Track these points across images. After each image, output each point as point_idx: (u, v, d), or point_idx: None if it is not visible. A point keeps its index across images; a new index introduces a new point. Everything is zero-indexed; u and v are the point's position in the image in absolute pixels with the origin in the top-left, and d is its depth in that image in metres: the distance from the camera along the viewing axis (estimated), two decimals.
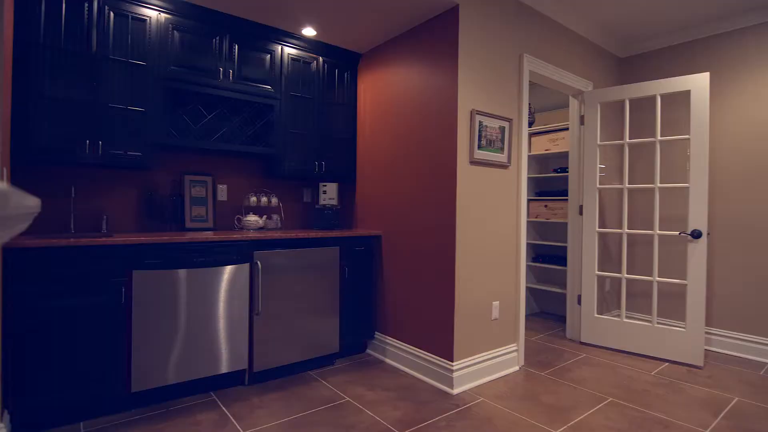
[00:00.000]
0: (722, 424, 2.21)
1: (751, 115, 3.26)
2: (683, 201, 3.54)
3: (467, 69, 2.62)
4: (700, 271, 2.98)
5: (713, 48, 3.46)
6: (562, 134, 4.29)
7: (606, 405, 2.40)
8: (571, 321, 3.63)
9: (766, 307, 3.17)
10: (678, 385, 2.69)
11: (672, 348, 3.09)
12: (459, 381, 2.56)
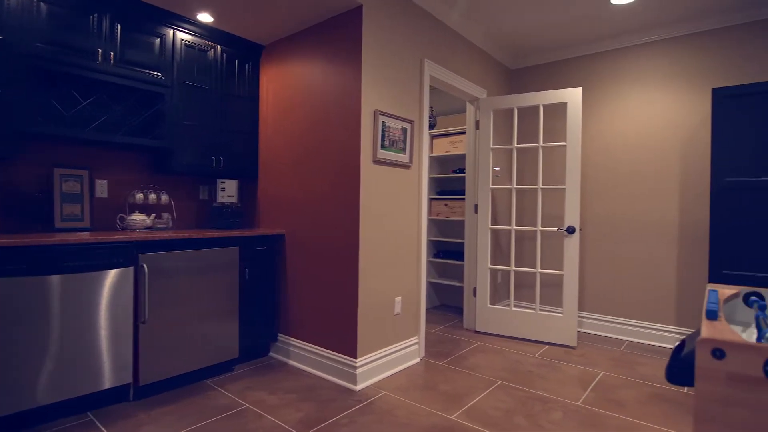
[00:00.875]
0: (590, 395, 2.52)
1: (616, 126, 3.77)
2: (562, 201, 3.98)
3: (371, 69, 2.66)
4: (574, 262, 3.37)
5: (587, 66, 3.93)
6: (461, 137, 4.56)
7: (496, 388, 2.61)
8: (467, 312, 3.88)
9: (624, 292, 3.69)
10: (556, 365, 3.01)
11: (552, 332, 3.46)
12: (362, 377, 2.60)
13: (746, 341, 0.75)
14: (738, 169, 2.88)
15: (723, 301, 1.22)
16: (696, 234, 3.38)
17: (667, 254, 3.49)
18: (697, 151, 3.39)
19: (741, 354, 0.76)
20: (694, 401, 0.80)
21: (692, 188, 3.41)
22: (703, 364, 0.79)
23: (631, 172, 3.67)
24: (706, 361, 0.78)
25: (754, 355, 0.75)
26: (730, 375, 0.77)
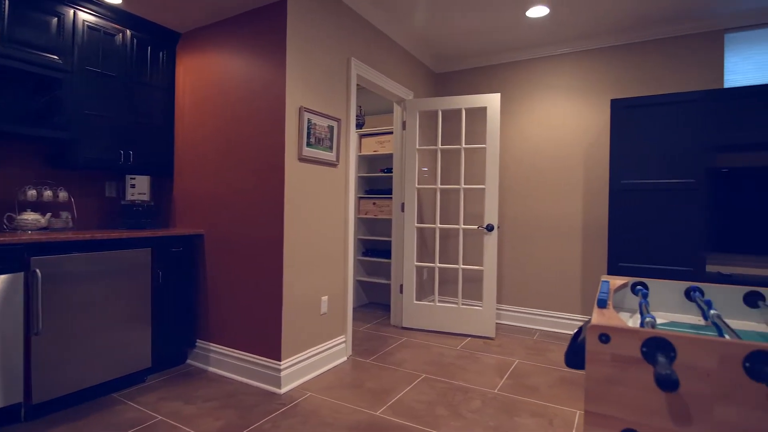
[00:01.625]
0: (507, 382, 2.69)
1: (530, 131, 4.04)
2: (482, 200, 4.19)
3: (296, 65, 2.61)
4: (493, 258, 3.57)
5: (505, 73, 4.17)
6: (389, 137, 4.63)
7: (420, 381, 2.68)
8: (394, 309, 3.95)
9: (536, 284, 3.98)
10: (476, 356, 3.17)
11: (473, 325, 3.63)
12: (287, 379, 2.54)
13: (628, 326, 0.84)
14: (632, 173, 3.22)
15: (614, 291, 1.36)
16: (597, 231, 3.73)
17: (573, 249, 3.82)
18: (598, 155, 3.75)
19: (623, 338, 0.85)
20: (585, 382, 0.88)
21: (594, 189, 3.76)
22: (591, 348, 0.86)
23: (543, 174, 3.97)
24: (594, 345, 0.86)
25: (634, 338, 0.83)
26: (615, 357, 0.85)
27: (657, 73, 3.56)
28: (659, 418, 0.82)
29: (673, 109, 3.12)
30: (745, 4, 3.13)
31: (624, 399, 0.85)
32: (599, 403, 0.86)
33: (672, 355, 0.80)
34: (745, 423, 0.76)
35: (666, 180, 3.11)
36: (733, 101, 2.96)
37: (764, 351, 0.73)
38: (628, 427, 0.84)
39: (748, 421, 0.76)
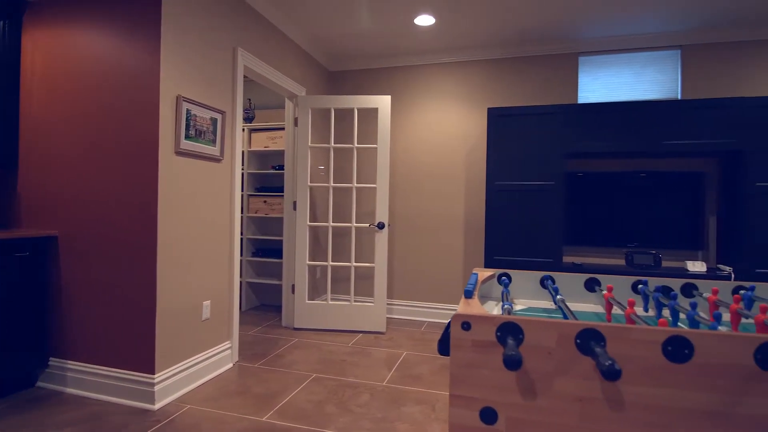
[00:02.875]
0: (395, 374, 2.79)
1: (419, 133, 4.24)
2: (374, 198, 4.29)
3: (173, 50, 2.39)
4: (384, 255, 3.68)
5: (396, 76, 4.31)
6: (281, 133, 4.50)
7: (310, 381, 2.65)
8: (286, 310, 3.86)
9: (424, 278, 4.20)
10: (367, 351, 3.24)
11: (365, 321, 3.70)
12: (162, 394, 2.33)
13: (486, 314, 0.92)
14: (505, 175, 3.56)
15: (481, 282, 1.49)
16: (476, 227, 4.06)
17: (456, 245, 4.11)
18: (477, 158, 4.08)
19: (482, 325, 0.92)
20: (450, 368, 0.94)
21: (474, 189, 4.08)
22: (455, 335, 0.93)
23: (430, 174, 4.20)
24: (457, 333, 0.93)
25: (490, 324, 0.91)
26: (475, 342, 0.92)
27: (527, 86, 3.98)
28: (512, 395, 0.90)
29: (538, 119, 3.52)
30: (594, 33, 3.66)
31: (483, 380, 0.93)
32: (462, 385, 0.93)
33: (521, 337, 0.89)
34: (578, 392, 0.87)
35: (532, 182, 3.50)
36: (584, 115, 3.44)
37: (589, 329, 0.84)
38: (486, 405, 0.92)
39: (581, 390, 0.87)
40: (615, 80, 3.86)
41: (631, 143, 3.34)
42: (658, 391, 0.83)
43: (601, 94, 3.88)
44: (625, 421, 0.85)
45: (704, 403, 0.81)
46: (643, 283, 1.45)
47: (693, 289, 1.45)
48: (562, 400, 0.89)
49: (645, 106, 3.34)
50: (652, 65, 3.79)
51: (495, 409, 0.91)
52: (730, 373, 0.80)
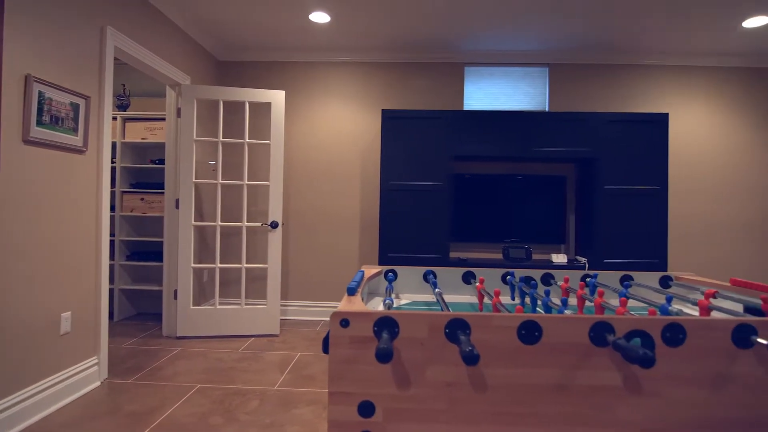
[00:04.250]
0: (287, 377, 2.72)
1: (315, 130, 4.18)
2: (267, 196, 4.14)
3: (22, 22, 2.04)
4: (277, 255, 3.57)
5: (291, 71, 4.20)
6: (161, 124, 4.11)
7: (194, 393, 2.47)
8: (168, 318, 3.54)
9: (321, 277, 4.17)
10: (259, 355, 3.11)
11: (257, 324, 3.56)
12: (6, 424, 1.97)
13: (364, 310, 0.94)
14: (398, 175, 3.68)
15: (367, 279, 1.52)
16: (371, 225, 4.15)
17: (352, 243, 4.15)
18: (372, 157, 4.16)
19: (359, 321, 0.93)
20: (329, 365, 0.93)
21: (369, 188, 4.16)
22: (334, 332, 0.93)
23: (327, 171, 4.18)
24: (336, 331, 0.93)
25: (368, 320, 0.93)
26: (353, 338, 0.93)
27: (419, 91, 4.17)
28: (388, 387, 0.93)
29: (428, 123, 3.70)
30: (477, 46, 3.96)
31: (361, 375, 0.94)
32: (340, 382, 0.93)
33: (396, 331, 0.92)
34: (447, 378, 0.93)
35: (422, 182, 3.68)
36: (469, 121, 3.71)
37: (457, 319, 0.90)
38: (364, 399, 0.93)
39: (450, 376, 0.93)
40: (495, 90, 4.23)
41: (508, 148, 3.69)
42: (515, 371, 0.92)
43: (484, 103, 4.22)
44: (488, 400, 0.92)
45: (552, 378, 0.92)
46: (511, 274, 1.61)
47: (550, 278, 1.64)
48: (433, 387, 0.93)
49: (519, 115, 3.71)
50: (525, 79, 4.22)
51: (372, 402, 0.93)
52: (571, 350, 0.91)
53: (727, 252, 4.11)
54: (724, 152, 4.12)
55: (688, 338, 0.90)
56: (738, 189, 4.12)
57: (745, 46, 3.86)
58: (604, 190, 3.65)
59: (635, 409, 0.89)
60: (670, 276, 1.64)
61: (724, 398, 0.90)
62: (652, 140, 3.66)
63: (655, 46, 3.91)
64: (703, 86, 4.13)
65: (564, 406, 0.90)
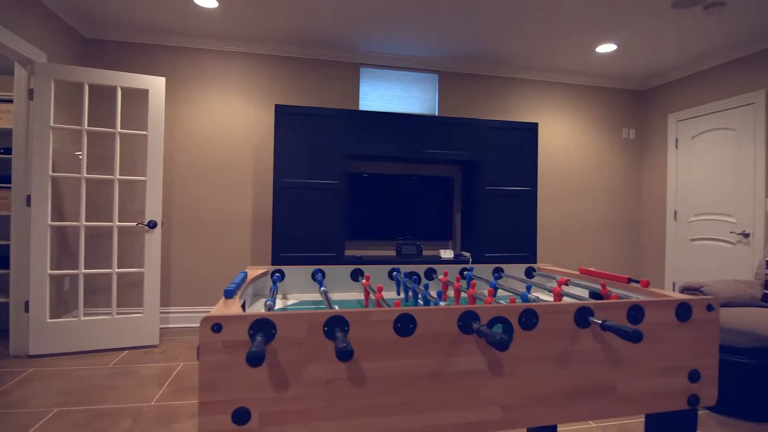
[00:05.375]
0: (167, 391, 2.50)
1: (202, 122, 3.90)
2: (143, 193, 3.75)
3: None
4: (156, 257, 3.26)
5: (174, 57, 3.86)
6: (8, 107, 3.49)
7: (51, 418, 2.14)
8: (17, 334, 3.02)
9: (209, 280, 3.91)
10: (133, 369, 2.81)
11: (131, 335, 3.21)
12: None
13: (238, 313, 0.89)
14: (292, 172, 3.60)
15: (253, 280, 1.46)
16: (264, 224, 4.00)
17: (244, 242, 3.96)
18: (266, 154, 4.02)
19: (234, 324, 0.89)
20: (199, 374, 0.88)
21: (262, 185, 4.00)
22: (204, 339, 0.87)
23: (216, 167, 3.92)
24: (207, 337, 0.87)
25: (242, 323, 0.89)
26: (226, 343, 0.89)
27: (314, 87, 4.12)
28: (264, 391, 0.90)
29: (323, 121, 3.68)
30: (372, 48, 4.04)
31: (235, 381, 0.90)
32: (213, 390, 0.88)
33: (273, 332, 0.89)
34: (326, 375, 0.93)
35: (317, 180, 3.65)
36: (364, 121, 3.76)
37: (336, 316, 0.91)
38: (239, 406, 0.89)
39: (329, 373, 0.93)
40: (389, 93, 4.36)
41: (400, 149, 3.82)
42: (391, 363, 0.95)
43: (378, 104, 4.32)
44: (367, 394, 0.94)
45: (425, 367, 0.97)
46: (397, 270, 1.67)
47: (433, 273, 1.74)
48: (312, 386, 0.93)
49: (412, 118, 3.87)
50: (417, 84, 4.42)
51: (248, 407, 0.90)
52: (442, 339, 0.97)
53: (585, 245, 4.76)
54: (583, 159, 4.76)
55: (540, 322, 1.02)
56: (594, 191, 4.79)
57: (599, 69, 4.51)
58: (485, 191, 3.98)
59: (497, 389, 0.98)
60: (533, 267, 1.85)
61: (568, 372, 1.04)
62: (525, 146, 4.09)
63: (530, 63, 4.37)
64: (566, 101, 4.72)
65: (436, 392, 0.96)
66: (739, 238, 3.85)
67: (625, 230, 4.91)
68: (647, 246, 4.85)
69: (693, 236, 4.31)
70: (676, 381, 1.11)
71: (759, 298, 3.10)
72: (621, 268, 4.88)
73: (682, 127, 4.46)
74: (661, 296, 1.24)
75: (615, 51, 4.02)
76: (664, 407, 1.10)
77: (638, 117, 4.95)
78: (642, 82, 4.86)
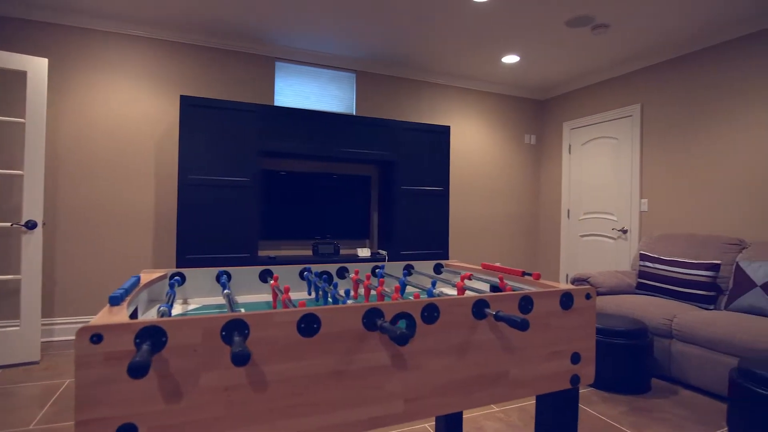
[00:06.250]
0: (50, 411, 2.22)
1: (96, 111, 3.51)
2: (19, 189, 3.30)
3: None
4: (36, 262, 2.88)
5: (59, 36, 3.43)
6: None
7: None
8: None
9: (101, 287, 3.54)
10: (10, 390, 2.46)
11: (7, 351, 2.80)
12: None
13: (122, 321, 0.82)
14: (201, 169, 3.39)
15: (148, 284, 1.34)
16: (168, 224, 3.72)
17: (145, 244, 3.64)
18: (170, 148, 3.73)
19: (117, 334, 0.81)
20: (75, 390, 0.79)
21: (166, 182, 3.72)
22: (81, 351, 0.79)
23: (113, 161, 3.56)
24: (84, 349, 0.79)
25: (127, 332, 0.82)
26: (108, 355, 0.81)
27: (226, 80, 3.91)
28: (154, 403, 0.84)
29: (236, 115, 3.51)
30: (288, 42, 3.94)
31: (119, 396, 0.82)
32: (92, 408, 0.80)
33: (164, 340, 0.83)
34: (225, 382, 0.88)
35: (228, 178, 3.48)
36: (280, 117, 3.66)
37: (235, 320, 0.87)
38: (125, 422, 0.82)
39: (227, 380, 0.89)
40: (306, 89, 4.28)
41: (317, 147, 3.78)
42: (295, 364, 0.93)
43: (295, 100, 4.23)
44: (269, 397, 0.92)
45: (330, 366, 0.96)
46: (308, 270, 1.64)
47: (345, 271, 1.75)
48: (210, 395, 0.88)
49: (329, 116, 3.84)
50: (335, 82, 4.40)
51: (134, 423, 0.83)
52: (346, 337, 0.97)
53: (492, 241, 5.09)
54: (490, 162, 5.08)
55: (441, 315, 1.06)
56: (500, 191, 5.14)
57: (505, 78, 4.83)
58: (401, 190, 4.08)
59: (400, 383, 1.01)
60: (441, 264, 1.93)
61: (467, 361, 1.10)
62: (439, 148, 4.26)
63: (443, 69, 4.56)
64: (476, 106, 5.00)
65: (340, 390, 0.96)
66: (619, 234, 4.38)
67: (527, 227, 5.33)
68: (545, 242, 5.32)
69: (583, 233, 4.81)
70: (560, 363, 1.22)
71: (635, 286, 3.54)
72: (524, 262, 5.30)
73: (575, 135, 4.95)
74: (548, 287, 1.36)
75: (518, 62, 4.34)
76: (551, 388, 1.21)
77: (538, 124, 5.40)
78: (542, 92, 5.31)
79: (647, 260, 3.46)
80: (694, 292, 3.10)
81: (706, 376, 2.59)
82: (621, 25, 3.46)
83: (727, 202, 3.47)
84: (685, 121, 3.79)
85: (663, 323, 2.85)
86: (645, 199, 4.14)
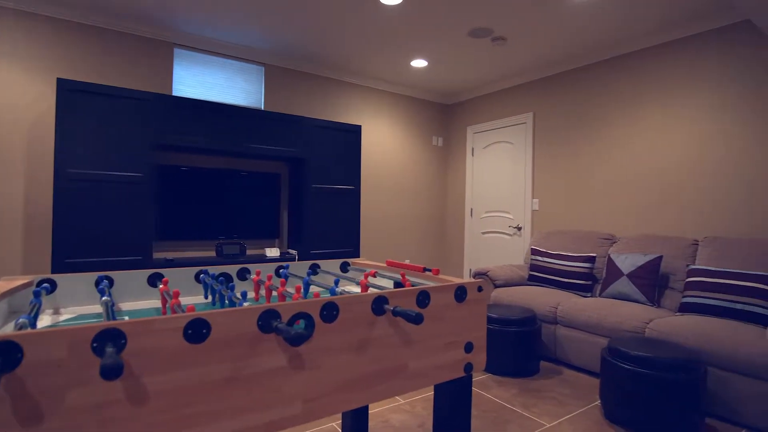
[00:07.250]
0: None
1: None
2: None
3: None
4: None
5: None
6: None
7: None
8: None
9: None
10: None
11: None
12: None
13: None
14: (83, 162, 3.03)
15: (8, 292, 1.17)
16: (43, 224, 3.27)
17: (12, 247, 3.16)
18: (45, 139, 3.28)
19: None
20: None
21: (41, 176, 3.26)
22: None
23: None
24: None
25: None
26: None
27: (115, 64, 3.53)
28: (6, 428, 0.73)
29: (126, 104, 3.19)
30: (190, 29, 3.67)
31: None
32: None
33: (19, 357, 0.73)
34: (97, 399, 0.80)
35: (117, 172, 3.15)
36: (179, 109, 3.40)
37: (108, 329, 0.79)
38: None
39: (100, 396, 0.80)
40: (210, 80, 4.03)
41: (222, 142, 3.58)
42: (182, 373, 0.87)
43: (196, 91, 3.96)
44: (152, 410, 0.85)
45: (223, 372, 0.92)
46: (204, 272, 1.55)
47: (246, 272, 1.68)
48: (78, 414, 0.79)
49: (235, 110, 3.66)
50: (241, 74, 4.20)
51: None
52: (240, 341, 0.93)
53: (401, 239, 5.24)
54: (400, 162, 5.22)
55: (340, 313, 1.07)
56: (409, 191, 5.30)
57: (414, 81, 5.00)
58: (312, 189, 4.03)
59: (299, 384, 1.00)
60: (348, 262, 1.94)
61: (367, 357, 1.11)
62: (350, 147, 4.28)
63: (354, 68, 4.58)
64: (387, 107, 5.11)
65: (235, 397, 0.92)
66: (515, 231, 4.77)
67: (435, 225, 5.58)
68: (451, 238, 5.61)
69: (484, 230, 5.15)
70: (455, 353, 1.29)
71: (527, 278, 3.88)
72: (432, 257, 5.54)
73: (477, 139, 5.29)
74: (444, 282, 1.43)
75: (426, 67, 4.52)
76: (448, 377, 1.28)
77: (445, 127, 5.67)
78: (449, 97, 5.59)
79: (537, 254, 3.82)
80: (574, 281, 3.48)
81: (585, 357, 2.93)
82: (517, 39, 3.77)
83: (602, 202, 3.96)
84: (571, 129, 4.25)
85: (549, 311, 3.16)
86: (536, 199, 4.56)
